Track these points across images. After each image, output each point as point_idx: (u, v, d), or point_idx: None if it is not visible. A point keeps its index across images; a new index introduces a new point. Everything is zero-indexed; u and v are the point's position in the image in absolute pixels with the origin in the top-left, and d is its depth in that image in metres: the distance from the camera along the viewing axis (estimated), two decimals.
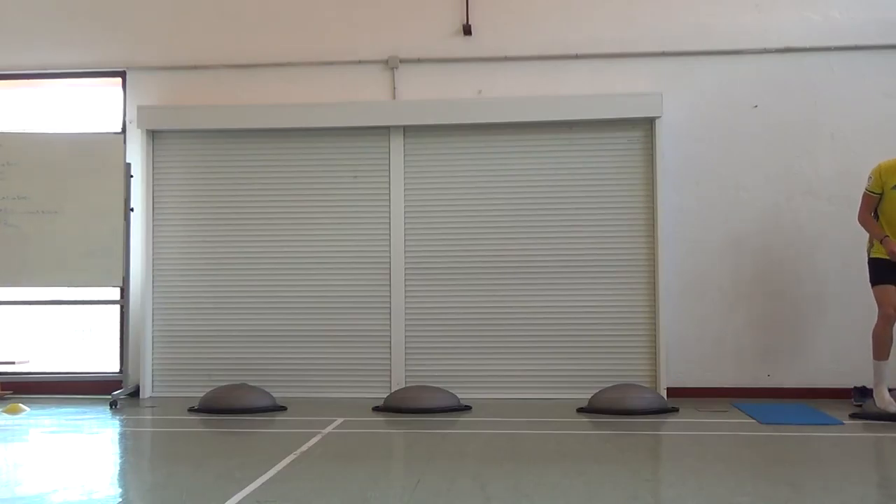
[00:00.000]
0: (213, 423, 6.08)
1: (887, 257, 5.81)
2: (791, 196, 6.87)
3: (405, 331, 6.94)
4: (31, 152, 6.85)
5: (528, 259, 6.93)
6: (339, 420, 5.94)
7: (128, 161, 6.97)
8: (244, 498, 3.91)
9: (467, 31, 7.09)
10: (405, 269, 6.99)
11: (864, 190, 5.96)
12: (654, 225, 6.80)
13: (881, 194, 5.86)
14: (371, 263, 7.00)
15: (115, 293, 7.12)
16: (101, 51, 7.34)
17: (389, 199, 7.02)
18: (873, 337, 5.87)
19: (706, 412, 6.18)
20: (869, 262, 5.98)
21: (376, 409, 6.37)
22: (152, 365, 7.13)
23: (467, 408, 6.36)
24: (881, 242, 5.82)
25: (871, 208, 5.94)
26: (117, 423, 6.13)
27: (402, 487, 4.27)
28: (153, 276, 7.15)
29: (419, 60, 7.15)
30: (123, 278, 6.85)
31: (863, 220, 6.00)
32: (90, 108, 7.69)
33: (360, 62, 7.20)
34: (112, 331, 7.44)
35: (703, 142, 6.93)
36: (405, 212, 7.00)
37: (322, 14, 7.26)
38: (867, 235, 6.00)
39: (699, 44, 6.97)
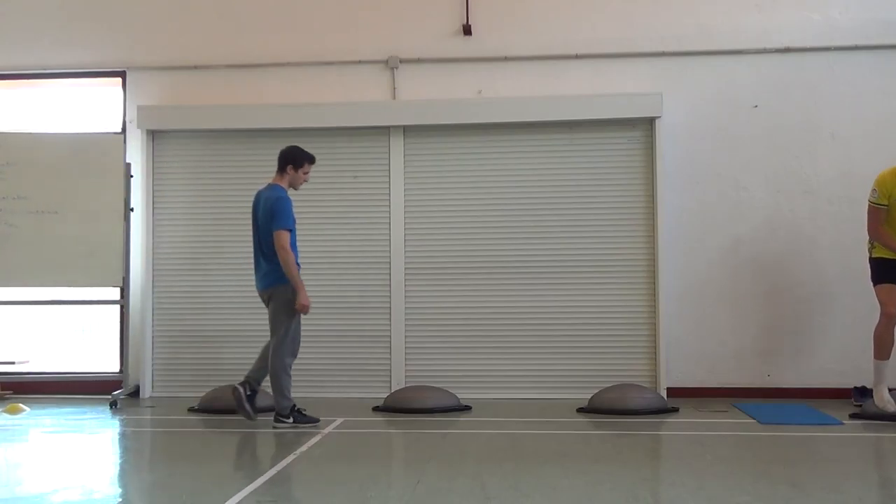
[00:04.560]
0: (213, 423, 6.08)
1: (889, 257, 5.79)
2: (791, 196, 6.87)
3: (405, 331, 6.94)
4: (31, 152, 6.84)
5: (528, 259, 6.92)
6: (339, 420, 5.93)
7: (128, 161, 6.97)
8: (244, 498, 3.91)
9: (467, 31, 7.09)
10: (405, 269, 6.98)
11: (868, 203, 5.83)
12: (654, 225, 6.79)
13: (887, 206, 5.76)
14: (371, 263, 7.00)
15: (115, 293, 7.12)
16: (101, 51, 7.34)
17: (389, 199, 7.02)
18: (875, 337, 5.85)
19: (706, 412, 6.18)
20: (871, 262, 5.94)
21: (376, 409, 6.37)
22: (152, 365, 7.12)
23: (467, 408, 6.36)
24: None
25: (881, 221, 5.80)
26: (117, 423, 6.14)
27: (402, 487, 4.27)
28: (153, 276, 7.14)
29: (419, 60, 7.15)
30: (123, 278, 6.84)
31: (876, 234, 5.83)
32: (90, 108, 7.68)
33: (360, 62, 7.19)
34: (112, 331, 7.44)
35: (703, 142, 6.92)
36: (405, 212, 7.00)
37: (322, 14, 7.25)
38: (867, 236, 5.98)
39: (699, 44, 6.96)
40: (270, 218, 5.59)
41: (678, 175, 6.87)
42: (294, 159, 5.80)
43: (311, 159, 5.86)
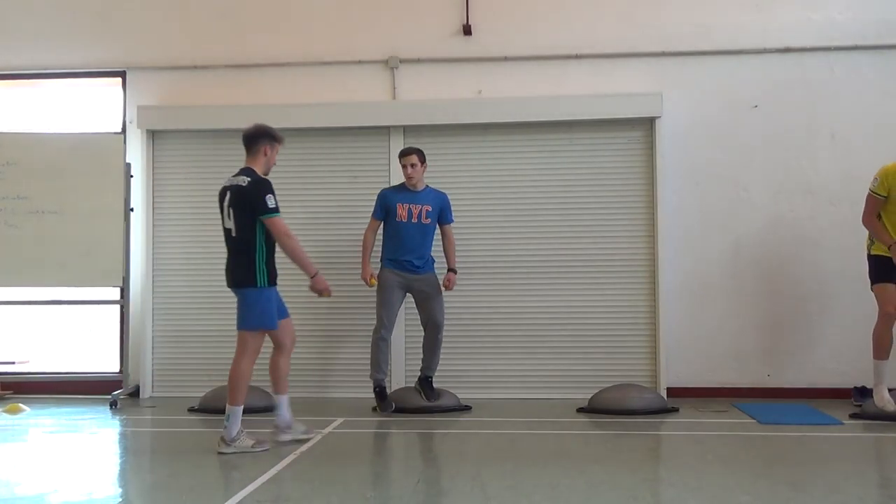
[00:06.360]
0: (213, 423, 6.06)
1: (888, 255, 5.79)
2: (791, 196, 6.87)
3: (405, 331, 6.93)
4: (31, 152, 6.84)
5: (528, 259, 6.92)
6: (339, 420, 5.93)
7: (128, 161, 6.97)
8: (244, 498, 3.91)
9: (467, 31, 7.08)
10: None
11: (868, 191, 5.85)
12: (654, 225, 6.79)
13: (886, 197, 5.76)
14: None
15: (115, 293, 7.12)
16: (101, 51, 7.34)
17: None
18: (874, 337, 5.85)
19: (706, 412, 6.18)
20: (869, 259, 5.93)
21: (376, 409, 6.37)
22: (152, 365, 7.12)
23: (467, 408, 6.36)
24: (889, 249, 5.72)
25: (876, 210, 5.82)
26: (117, 423, 6.14)
27: (402, 487, 4.27)
28: (153, 276, 7.14)
29: (419, 60, 7.15)
30: (123, 278, 6.84)
31: (868, 223, 5.88)
32: (90, 108, 7.68)
33: (360, 62, 7.19)
34: (112, 331, 7.44)
35: (703, 142, 6.92)
36: None
37: (322, 14, 7.25)
38: (867, 233, 5.98)
39: (699, 44, 6.96)
40: None
41: (678, 175, 6.87)
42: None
43: (399, 155, 6.34)
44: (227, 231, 5.05)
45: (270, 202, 4.92)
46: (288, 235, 4.98)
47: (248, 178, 4.98)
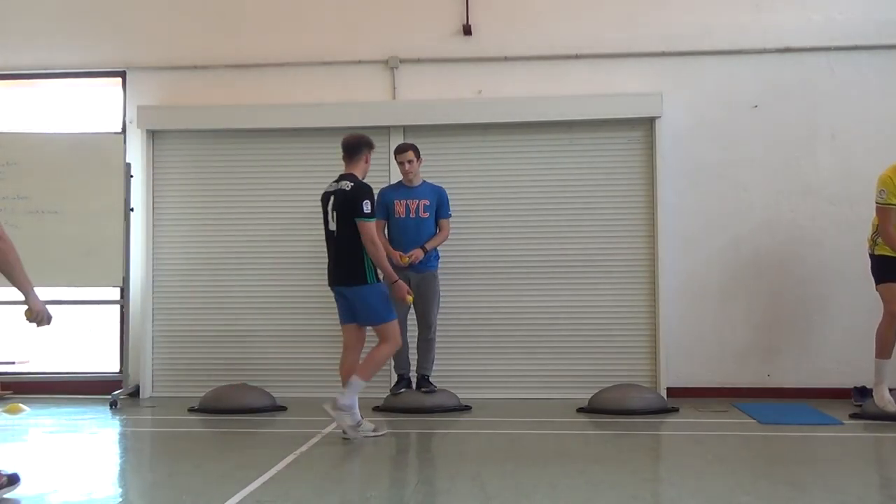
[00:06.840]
0: (213, 423, 6.08)
1: (892, 255, 5.73)
2: (791, 196, 6.86)
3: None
4: (31, 152, 6.84)
5: (528, 259, 6.92)
6: None
7: (128, 161, 6.97)
8: (244, 498, 3.91)
9: (467, 31, 7.08)
10: None
11: (877, 205, 5.70)
12: (653, 225, 6.79)
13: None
14: None
15: (115, 293, 7.12)
16: (101, 51, 7.34)
17: None
18: (877, 335, 5.83)
19: (706, 412, 6.18)
20: (873, 259, 5.89)
21: (376, 408, 6.37)
22: (152, 365, 7.12)
23: (467, 408, 6.36)
24: None
25: (894, 221, 5.66)
26: (117, 423, 6.14)
27: (402, 487, 4.27)
28: (153, 276, 7.14)
29: (419, 60, 7.15)
30: (123, 278, 6.85)
31: (889, 238, 5.66)
32: (90, 108, 7.68)
33: (360, 62, 7.19)
34: (112, 331, 7.44)
35: (703, 142, 6.92)
36: None
37: (322, 14, 7.25)
38: (868, 232, 5.96)
39: (699, 44, 6.96)
40: None
41: (678, 175, 6.87)
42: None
43: (395, 152, 6.45)
44: (330, 233, 5.44)
45: (367, 207, 5.24)
46: (374, 243, 5.24)
47: (352, 183, 5.33)
